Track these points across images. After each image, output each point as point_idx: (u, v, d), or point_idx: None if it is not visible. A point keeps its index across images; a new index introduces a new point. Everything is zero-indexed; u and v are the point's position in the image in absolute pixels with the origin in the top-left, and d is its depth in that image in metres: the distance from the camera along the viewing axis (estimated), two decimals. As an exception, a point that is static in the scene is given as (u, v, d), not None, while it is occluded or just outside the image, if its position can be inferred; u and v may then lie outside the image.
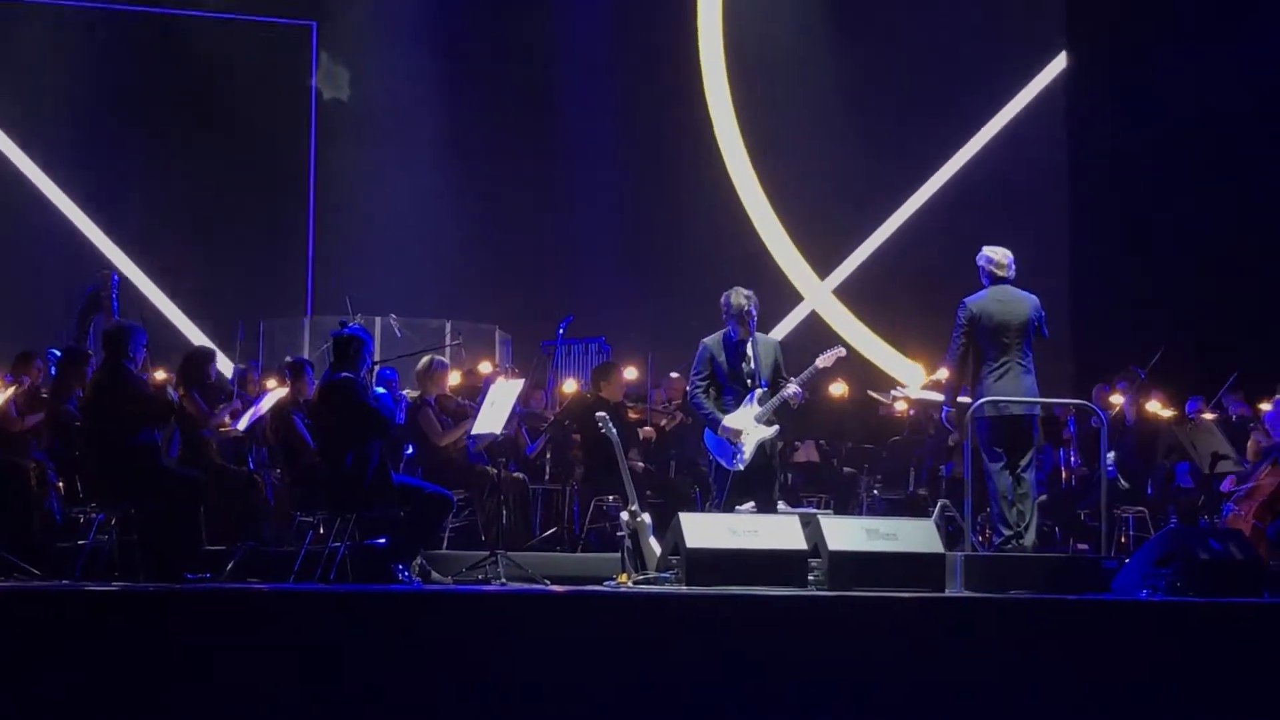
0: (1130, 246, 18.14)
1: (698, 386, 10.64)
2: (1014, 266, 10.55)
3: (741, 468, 10.41)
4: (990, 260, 10.55)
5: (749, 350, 10.55)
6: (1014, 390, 10.28)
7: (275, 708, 7.10)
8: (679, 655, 7.57)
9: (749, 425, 10.43)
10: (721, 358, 10.58)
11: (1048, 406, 12.46)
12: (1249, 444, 12.57)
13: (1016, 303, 10.45)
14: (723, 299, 10.64)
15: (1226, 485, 12.31)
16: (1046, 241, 18.75)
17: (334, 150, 17.45)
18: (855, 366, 11.24)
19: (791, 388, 10.48)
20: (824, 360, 10.70)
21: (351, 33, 17.84)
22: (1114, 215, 18.43)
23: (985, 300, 10.44)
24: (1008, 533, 10.22)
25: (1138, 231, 18.09)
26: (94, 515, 10.08)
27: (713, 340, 10.67)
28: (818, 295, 18.91)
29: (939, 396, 12.56)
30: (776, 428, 10.55)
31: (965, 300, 10.48)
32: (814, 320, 18.66)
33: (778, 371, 10.62)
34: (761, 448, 10.46)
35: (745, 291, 10.61)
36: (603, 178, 18.43)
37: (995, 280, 10.51)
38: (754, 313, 10.55)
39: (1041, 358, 10.59)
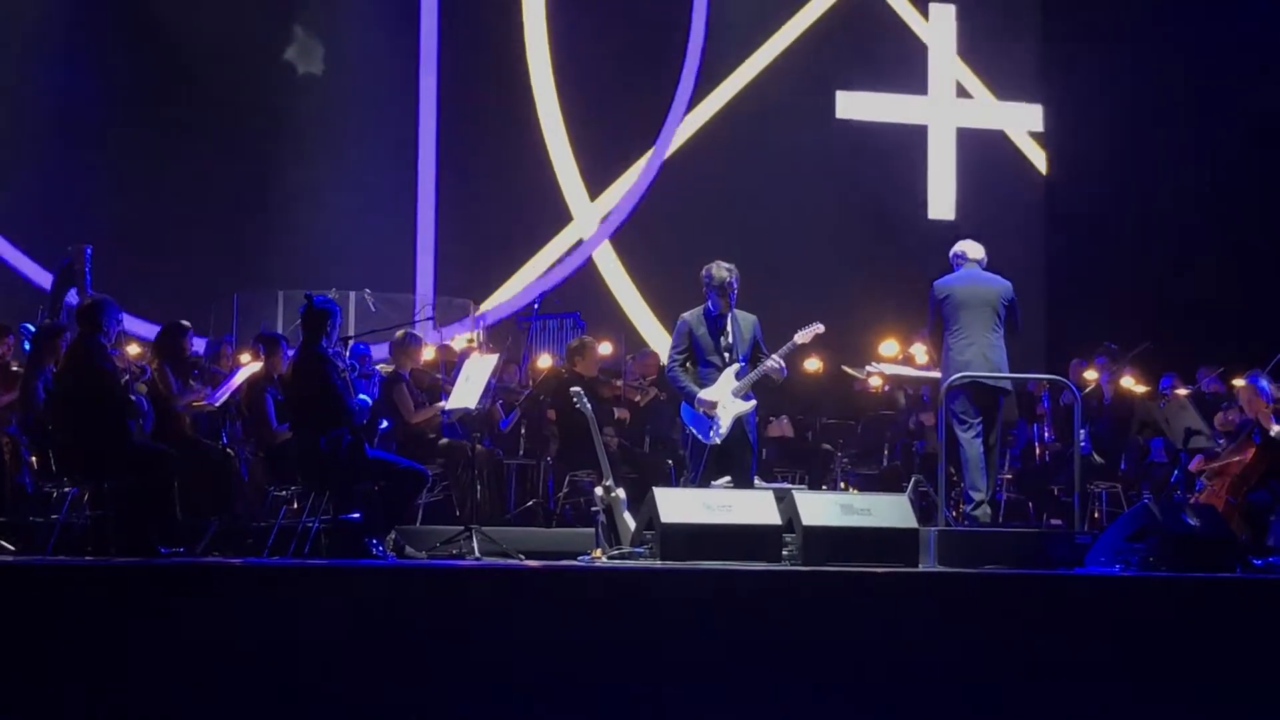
0: (1105, 221, 18.18)
1: (675, 361, 10.62)
2: (984, 254, 10.90)
3: (718, 441, 10.41)
4: (960, 247, 10.97)
5: (728, 325, 10.53)
6: (980, 363, 10.50)
7: (247, 682, 7.09)
8: (653, 630, 7.58)
9: (725, 399, 10.42)
10: (701, 331, 10.56)
11: (1021, 381, 12.52)
12: (1217, 418, 12.64)
13: (985, 283, 10.79)
14: (704, 272, 10.61)
15: (1194, 465, 12.34)
16: (1021, 216, 18.84)
17: (306, 123, 17.36)
18: (830, 341, 11.23)
19: (772, 362, 10.47)
20: (802, 336, 10.71)
21: (325, 5, 17.74)
22: (1089, 188, 18.46)
23: (952, 281, 10.83)
24: (977, 498, 10.37)
25: (1113, 206, 18.14)
26: (67, 490, 10.06)
27: (692, 315, 10.65)
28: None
29: (913, 372, 12.62)
30: (753, 403, 10.55)
31: (934, 281, 10.86)
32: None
33: (756, 347, 10.61)
34: (738, 423, 10.46)
35: (727, 265, 10.55)
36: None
37: (966, 263, 10.89)
38: (734, 286, 10.51)
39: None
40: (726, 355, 10.51)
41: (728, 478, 10.30)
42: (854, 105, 18.93)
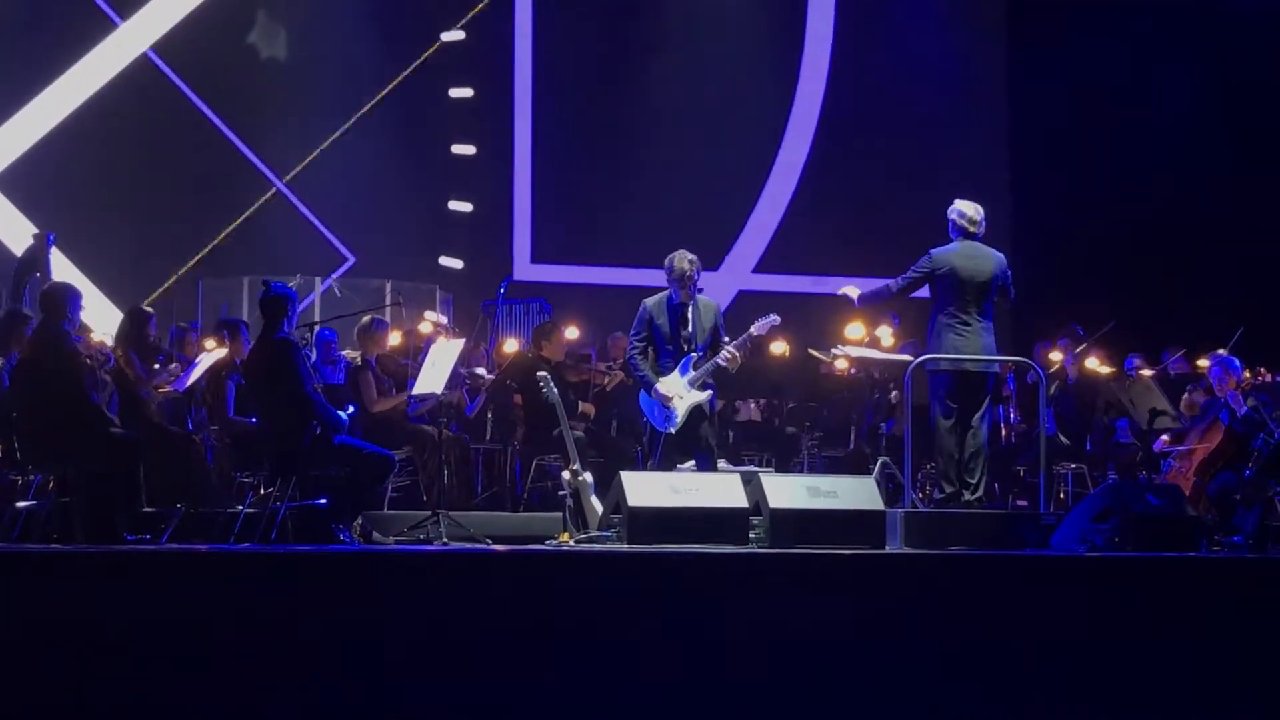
0: (1072, 204, 18.22)
1: (635, 347, 10.70)
2: (984, 223, 10.54)
3: (673, 431, 10.47)
4: (961, 214, 10.53)
5: (689, 314, 10.59)
6: (972, 347, 10.30)
7: (215, 669, 7.08)
8: (620, 614, 7.59)
9: (681, 390, 10.47)
10: (661, 319, 10.61)
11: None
12: (1183, 399, 12.67)
13: (983, 260, 10.42)
14: (666, 262, 10.68)
15: (1159, 445, 12.37)
16: (987, 199, 18.80)
17: (270, 108, 17.29)
18: (795, 325, 11.26)
19: (725, 352, 10.51)
20: (758, 328, 10.73)
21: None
22: (1055, 171, 18.48)
23: (951, 254, 10.41)
24: (949, 490, 10.28)
25: (1079, 189, 18.17)
26: (32, 477, 10.02)
27: (654, 302, 10.70)
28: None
29: (879, 355, 12.59)
30: (709, 392, 10.60)
31: (931, 250, 10.46)
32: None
33: (716, 335, 10.65)
34: (695, 411, 10.49)
35: (689, 256, 10.63)
36: (544, 138, 18.36)
37: (965, 235, 10.49)
38: (697, 277, 10.58)
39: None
40: (685, 345, 10.57)
41: (692, 462, 10.35)
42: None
